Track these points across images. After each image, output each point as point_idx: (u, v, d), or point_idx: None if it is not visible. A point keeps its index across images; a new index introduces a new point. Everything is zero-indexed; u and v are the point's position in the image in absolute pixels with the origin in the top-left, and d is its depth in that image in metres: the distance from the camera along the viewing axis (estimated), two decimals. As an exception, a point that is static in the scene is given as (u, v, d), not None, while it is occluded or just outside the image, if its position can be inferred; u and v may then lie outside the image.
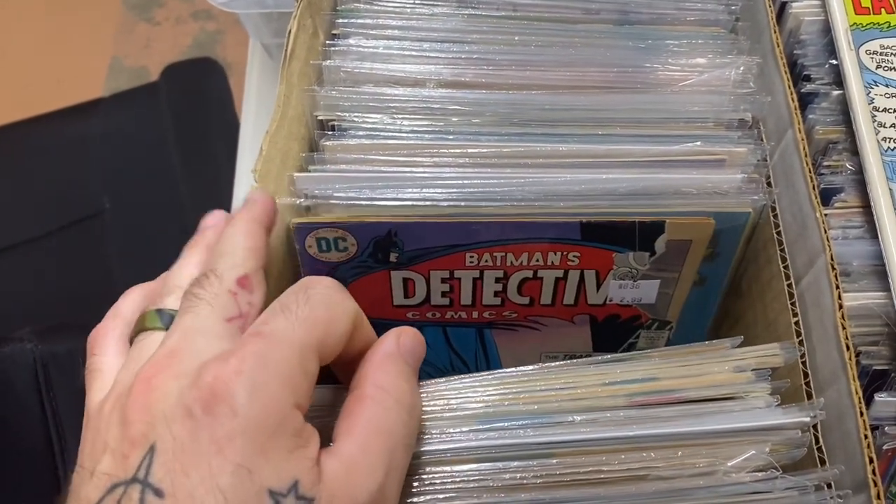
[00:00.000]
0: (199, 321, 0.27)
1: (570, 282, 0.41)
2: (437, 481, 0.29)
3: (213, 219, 0.34)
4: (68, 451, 0.60)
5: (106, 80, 1.55)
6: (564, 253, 0.39)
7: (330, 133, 0.40)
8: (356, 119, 0.40)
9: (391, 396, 0.27)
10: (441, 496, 0.28)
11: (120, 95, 1.06)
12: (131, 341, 0.29)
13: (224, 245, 0.30)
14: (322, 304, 0.27)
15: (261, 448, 0.24)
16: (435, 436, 0.29)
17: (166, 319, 0.29)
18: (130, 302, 0.32)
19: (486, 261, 0.39)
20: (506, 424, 0.29)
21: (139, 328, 0.29)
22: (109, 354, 0.29)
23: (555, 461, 0.28)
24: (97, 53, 1.57)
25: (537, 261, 0.39)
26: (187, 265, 0.31)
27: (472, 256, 0.39)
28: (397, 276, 0.40)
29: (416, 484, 0.29)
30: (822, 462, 0.32)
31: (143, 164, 0.97)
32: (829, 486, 0.30)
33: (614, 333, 0.44)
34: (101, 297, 0.34)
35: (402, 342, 0.30)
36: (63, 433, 0.61)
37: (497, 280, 0.40)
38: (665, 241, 0.39)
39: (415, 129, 0.40)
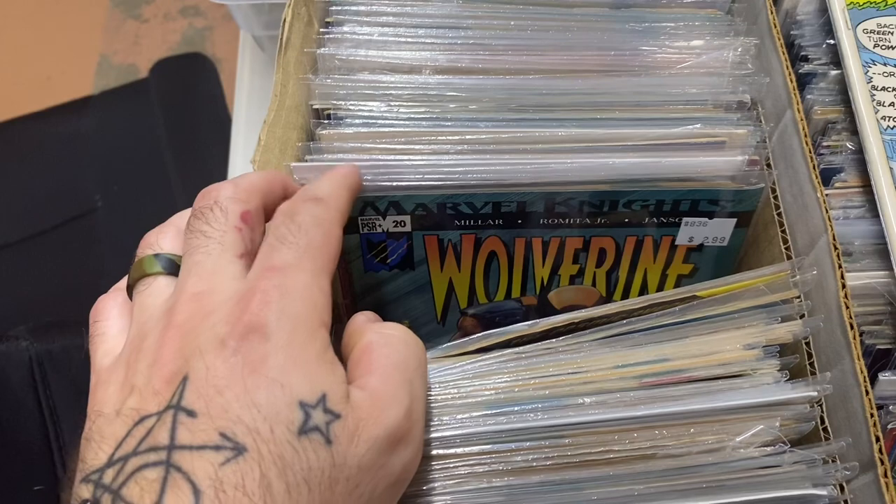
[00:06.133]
0: (213, 261, 0.27)
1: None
2: (451, 465, 0.29)
3: None
4: (66, 449, 0.60)
5: (95, 77, 1.54)
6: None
7: (326, 122, 0.40)
8: (352, 107, 0.40)
9: (395, 337, 0.28)
10: (452, 481, 0.28)
11: (110, 93, 1.06)
12: (131, 291, 0.29)
13: (228, 181, 0.30)
14: (314, 227, 0.28)
15: (293, 363, 0.24)
16: (446, 422, 0.29)
17: (164, 262, 0.29)
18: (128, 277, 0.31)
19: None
20: (516, 409, 0.29)
21: (138, 275, 0.29)
22: (112, 318, 0.29)
23: (567, 441, 0.28)
24: (85, 51, 1.56)
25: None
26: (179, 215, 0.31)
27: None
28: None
29: (427, 469, 0.28)
30: (826, 431, 0.32)
31: (135, 161, 0.97)
32: (834, 459, 0.30)
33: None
34: (95, 295, 0.33)
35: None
36: (60, 431, 0.61)
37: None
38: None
39: (411, 116, 0.40)
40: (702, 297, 0.31)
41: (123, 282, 0.31)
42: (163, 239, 0.29)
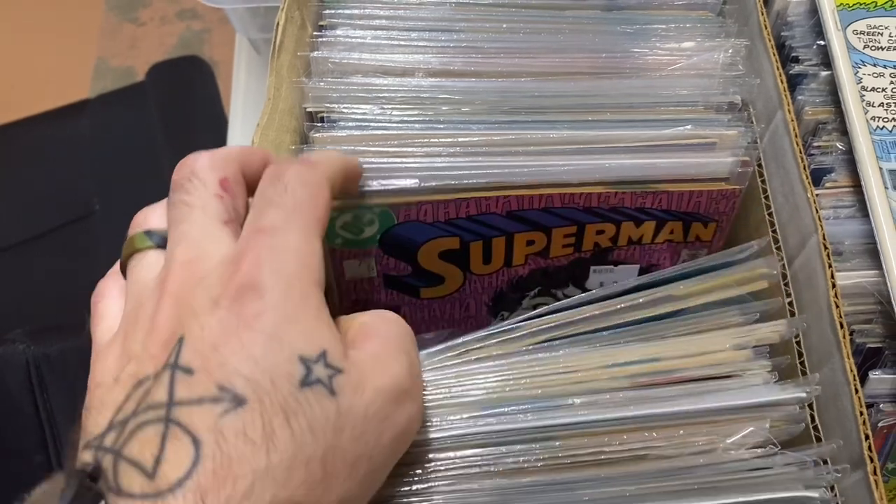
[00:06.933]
0: (199, 228, 0.27)
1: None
2: (442, 468, 0.29)
3: None
4: (64, 452, 0.60)
5: (92, 80, 1.54)
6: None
7: (319, 125, 0.40)
8: (345, 110, 0.40)
9: (389, 317, 0.29)
10: (443, 483, 0.28)
11: (107, 96, 1.05)
12: (124, 269, 0.29)
13: (204, 152, 0.30)
14: (300, 187, 0.28)
15: (288, 319, 0.25)
16: (436, 423, 0.29)
17: (156, 238, 0.29)
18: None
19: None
20: (506, 410, 0.29)
21: (129, 252, 0.29)
22: (113, 297, 0.29)
23: (557, 443, 0.28)
24: (82, 54, 1.57)
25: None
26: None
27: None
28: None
29: (418, 471, 0.29)
30: (818, 430, 0.32)
31: (132, 164, 0.97)
32: (825, 462, 0.30)
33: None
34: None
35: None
36: (58, 434, 0.61)
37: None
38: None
39: (404, 118, 0.40)
40: (677, 296, 0.31)
41: (117, 266, 0.31)
42: (151, 217, 0.30)
